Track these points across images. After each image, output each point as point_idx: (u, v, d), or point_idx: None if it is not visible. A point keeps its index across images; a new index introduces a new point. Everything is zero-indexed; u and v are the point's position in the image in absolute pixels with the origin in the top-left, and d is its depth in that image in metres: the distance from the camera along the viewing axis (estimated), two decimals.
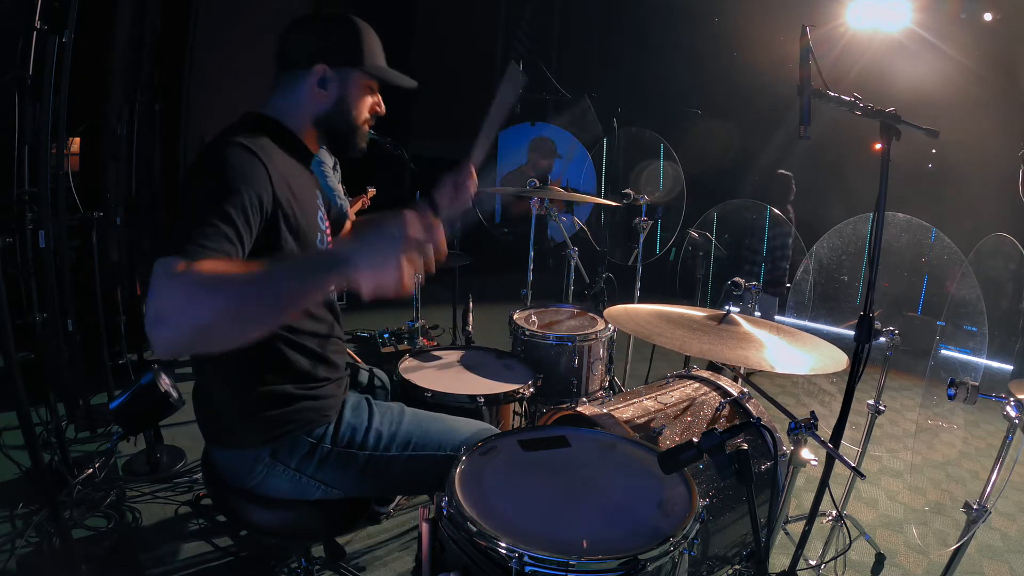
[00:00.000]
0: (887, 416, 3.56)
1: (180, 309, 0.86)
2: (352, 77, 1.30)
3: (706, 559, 1.52)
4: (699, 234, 3.50)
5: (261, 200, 1.10)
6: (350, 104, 1.32)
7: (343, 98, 1.31)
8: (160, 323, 0.86)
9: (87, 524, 2.16)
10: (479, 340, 2.54)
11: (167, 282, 0.89)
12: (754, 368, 1.45)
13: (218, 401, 1.31)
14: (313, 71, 1.26)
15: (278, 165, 1.19)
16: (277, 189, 1.15)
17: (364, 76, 1.32)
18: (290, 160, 1.29)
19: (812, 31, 1.41)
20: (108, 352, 3.13)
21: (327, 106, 1.30)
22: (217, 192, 1.04)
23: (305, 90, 1.28)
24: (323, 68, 1.26)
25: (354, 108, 1.33)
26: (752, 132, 5.89)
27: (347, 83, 1.30)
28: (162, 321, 0.86)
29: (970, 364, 3.94)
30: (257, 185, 1.10)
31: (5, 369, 1.92)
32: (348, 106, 1.32)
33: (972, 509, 1.64)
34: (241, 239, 1.03)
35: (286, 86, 1.30)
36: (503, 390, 1.85)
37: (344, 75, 1.29)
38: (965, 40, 4.73)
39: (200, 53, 3.94)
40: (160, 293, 0.88)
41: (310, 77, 1.27)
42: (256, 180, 1.10)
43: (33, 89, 2.37)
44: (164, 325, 0.86)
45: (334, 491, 1.35)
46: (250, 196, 1.07)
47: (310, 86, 1.27)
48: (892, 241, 3.80)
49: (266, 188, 1.12)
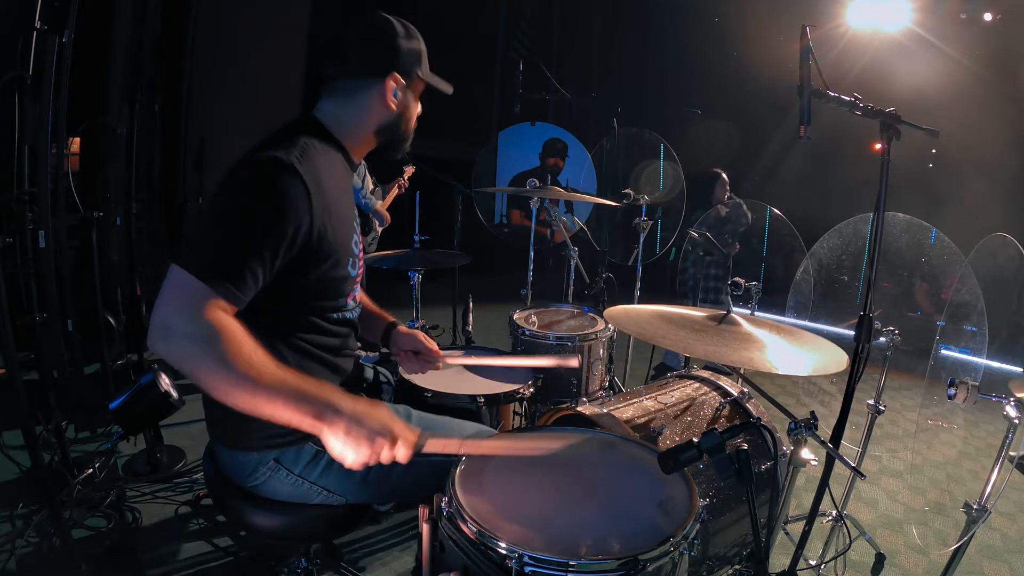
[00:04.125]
0: (887, 416, 3.56)
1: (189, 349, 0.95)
2: (414, 87, 1.30)
3: (706, 559, 1.52)
4: (699, 234, 3.50)
5: (298, 233, 1.10)
6: (411, 113, 1.32)
7: (406, 108, 1.30)
8: (164, 335, 0.95)
9: (87, 524, 2.16)
10: (479, 340, 2.54)
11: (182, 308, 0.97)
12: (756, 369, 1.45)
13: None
14: (386, 81, 1.24)
15: (323, 186, 1.16)
16: (315, 218, 1.13)
17: (420, 83, 1.32)
18: (335, 177, 1.25)
19: (812, 31, 1.41)
20: (108, 352, 3.13)
21: (393, 116, 1.28)
22: (257, 225, 1.05)
23: (373, 99, 1.25)
24: (398, 78, 1.25)
25: (412, 118, 1.33)
26: (752, 132, 5.90)
27: (411, 93, 1.30)
28: (168, 337, 0.95)
29: (970, 364, 3.94)
30: (299, 218, 1.09)
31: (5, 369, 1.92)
32: (409, 115, 1.32)
33: (972, 509, 1.64)
34: (266, 276, 1.07)
35: (347, 93, 1.26)
36: (503, 390, 1.85)
37: (412, 86, 1.29)
38: (965, 40, 4.74)
39: (200, 53, 3.94)
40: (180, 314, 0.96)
41: (381, 87, 1.24)
42: (299, 211, 1.09)
43: (33, 89, 2.37)
44: (169, 343, 0.95)
45: (336, 497, 1.34)
46: (290, 234, 1.08)
47: (380, 95, 1.24)
48: (892, 241, 3.80)
49: (306, 219, 1.11)
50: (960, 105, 4.51)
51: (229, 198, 1.10)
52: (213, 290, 0.98)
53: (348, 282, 1.30)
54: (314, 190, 1.12)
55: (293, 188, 1.08)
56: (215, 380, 0.96)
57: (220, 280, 0.99)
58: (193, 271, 0.98)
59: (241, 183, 1.09)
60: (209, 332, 0.95)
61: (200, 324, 0.96)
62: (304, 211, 1.10)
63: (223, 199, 1.10)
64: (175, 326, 0.95)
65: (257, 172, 1.09)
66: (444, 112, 1.74)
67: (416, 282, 2.62)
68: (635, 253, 3.25)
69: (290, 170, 1.08)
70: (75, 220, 2.95)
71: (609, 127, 5.88)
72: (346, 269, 1.28)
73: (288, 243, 1.09)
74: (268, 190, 1.07)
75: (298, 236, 1.10)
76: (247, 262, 1.03)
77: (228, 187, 1.10)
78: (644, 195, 3.17)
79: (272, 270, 1.08)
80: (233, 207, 1.09)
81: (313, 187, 1.12)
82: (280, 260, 1.09)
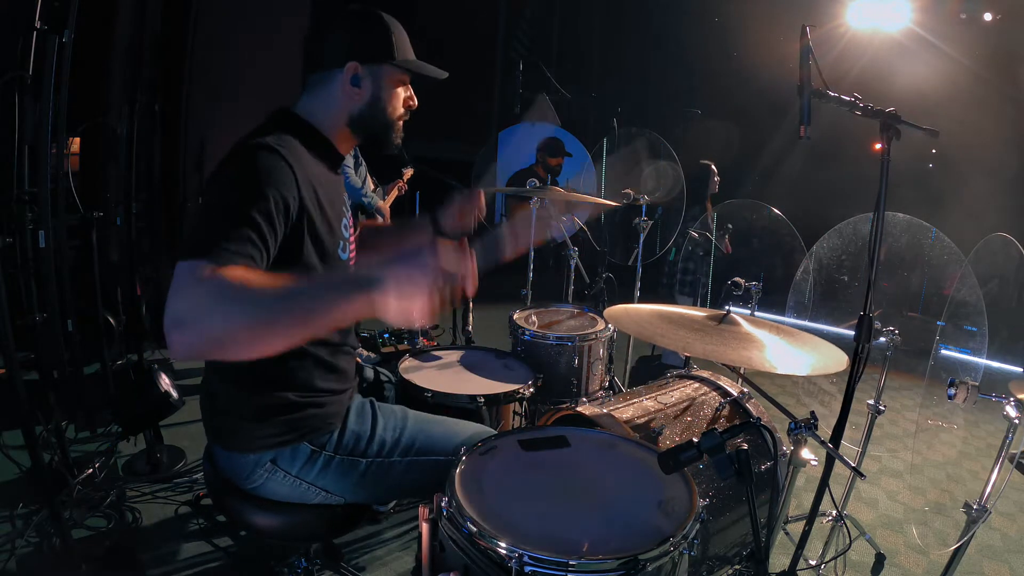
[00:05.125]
0: (887, 416, 3.56)
1: (203, 315, 0.87)
2: (384, 73, 1.28)
3: (706, 559, 1.52)
4: (699, 234, 3.50)
5: (287, 203, 1.09)
6: (384, 101, 1.30)
7: (377, 95, 1.29)
8: (180, 326, 0.87)
9: (87, 524, 2.16)
10: (479, 340, 2.54)
11: (192, 286, 0.90)
12: (755, 368, 1.45)
13: (222, 401, 1.30)
14: (345, 69, 1.24)
15: (306, 168, 1.18)
16: (303, 193, 1.14)
17: (396, 71, 1.30)
18: (318, 164, 1.26)
19: (812, 31, 1.41)
20: (108, 352, 3.13)
21: (361, 104, 1.28)
22: (244, 196, 1.04)
23: (337, 89, 1.26)
24: (355, 66, 1.24)
25: (388, 105, 1.31)
26: (752, 132, 5.89)
27: (379, 79, 1.28)
28: (182, 324, 0.87)
29: (970, 364, 3.94)
30: (284, 188, 1.09)
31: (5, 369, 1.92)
32: (382, 103, 1.30)
33: (972, 509, 1.64)
34: (266, 243, 1.03)
35: (317, 86, 1.28)
36: (503, 390, 1.85)
37: (376, 71, 1.27)
38: (965, 40, 4.74)
39: (200, 53, 3.94)
40: (184, 296, 0.89)
41: (342, 76, 1.25)
42: (283, 183, 1.09)
43: (33, 89, 2.37)
44: (184, 329, 0.87)
45: (334, 497, 1.34)
46: (276, 200, 1.07)
47: (342, 85, 1.25)
48: (892, 241, 3.80)
49: (292, 191, 1.11)
50: (960, 105, 4.50)
51: (213, 187, 1.12)
52: (210, 261, 0.93)
53: (341, 268, 1.30)
54: (298, 168, 1.13)
55: (275, 162, 1.10)
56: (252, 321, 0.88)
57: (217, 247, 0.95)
58: (190, 255, 0.94)
59: (222, 170, 1.12)
60: (209, 288, 0.89)
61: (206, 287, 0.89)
62: (291, 183, 1.11)
63: (209, 190, 1.13)
64: (182, 310, 0.88)
65: (235, 156, 1.11)
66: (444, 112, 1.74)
67: None
68: (635, 253, 3.25)
69: (269, 148, 1.11)
70: (75, 220, 2.95)
71: (609, 127, 5.88)
72: (336, 252, 1.28)
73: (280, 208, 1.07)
74: (250, 165, 1.08)
75: (290, 205, 1.10)
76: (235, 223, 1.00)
77: (213, 179, 1.12)
78: (644, 195, 3.17)
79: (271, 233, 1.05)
80: (217, 191, 1.11)
81: (296, 165, 1.13)
82: (279, 224, 1.07)
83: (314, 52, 1.28)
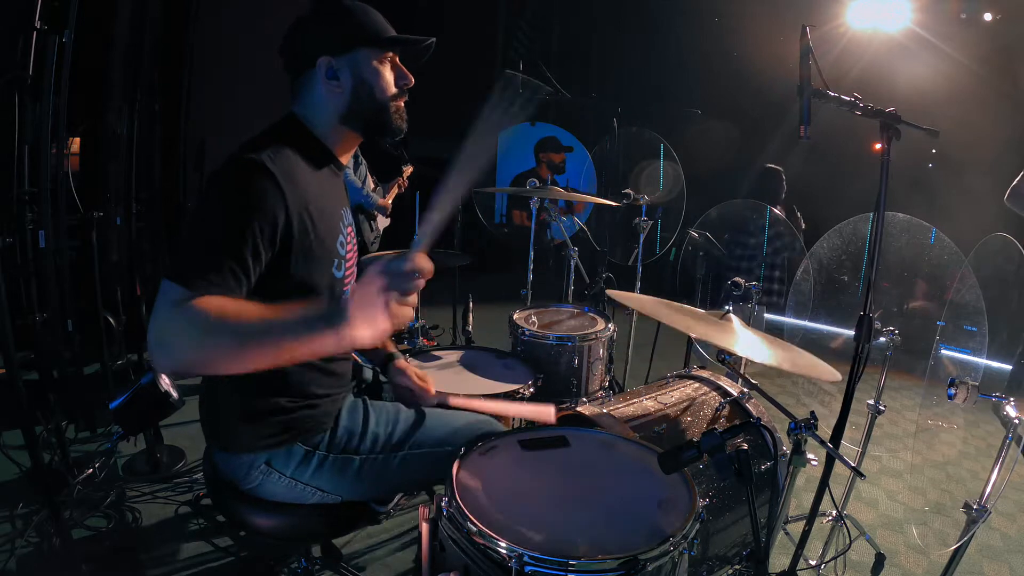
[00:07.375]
0: (887, 416, 3.56)
1: (179, 340, 0.94)
2: (360, 58, 1.23)
3: (706, 559, 1.52)
4: (699, 234, 3.50)
5: (274, 228, 1.09)
6: (370, 84, 1.25)
7: (359, 81, 1.24)
8: (159, 347, 0.94)
9: (87, 524, 2.16)
10: (479, 340, 2.54)
11: (170, 310, 0.96)
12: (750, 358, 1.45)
13: (218, 402, 1.31)
14: (318, 66, 1.22)
15: (300, 183, 1.16)
16: (292, 212, 1.13)
17: (372, 51, 1.24)
18: (316, 174, 1.25)
19: (812, 31, 1.41)
20: (108, 352, 3.13)
21: (346, 96, 1.24)
22: (229, 227, 1.05)
23: (319, 88, 1.24)
24: (327, 60, 1.22)
25: (375, 87, 1.25)
26: (752, 132, 5.89)
27: (357, 65, 1.23)
28: (161, 346, 0.94)
29: (970, 364, 3.94)
30: (271, 212, 1.09)
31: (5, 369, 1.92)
32: (367, 86, 1.25)
33: (972, 509, 1.64)
34: (248, 273, 1.05)
35: (302, 90, 1.27)
36: (503, 390, 1.85)
37: (352, 59, 1.23)
38: (965, 40, 4.74)
39: (200, 53, 3.94)
40: (162, 319, 0.96)
41: (318, 73, 1.23)
42: (270, 207, 1.09)
43: (33, 89, 2.37)
44: (162, 350, 0.94)
45: (331, 496, 1.34)
46: (262, 228, 1.07)
47: (321, 82, 1.23)
48: (892, 241, 3.80)
49: (280, 214, 1.10)
50: (960, 105, 4.50)
51: (202, 203, 1.13)
52: (190, 290, 0.97)
53: (335, 284, 1.29)
54: (288, 187, 1.12)
55: (262, 184, 1.09)
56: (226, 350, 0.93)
57: (198, 278, 0.99)
58: (173, 278, 0.98)
59: (212, 187, 1.11)
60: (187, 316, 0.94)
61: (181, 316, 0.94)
62: (278, 206, 1.10)
63: (198, 205, 1.14)
64: (160, 332, 0.95)
65: (225, 173, 1.11)
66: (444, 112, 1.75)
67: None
68: (635, 253, 3.25)
69: (259, 167, 1.09)
70: (75, 220, 2.95)
71: (609, 127, 5.88)
72: (330, 271, 1.27)
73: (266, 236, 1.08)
74: (237, 188, 1.08)
75: (277, 229, 1.10)
76: (218, 252, 1.03)
77: (204, 193, 1.13)
78: (644, 195, 3.17)
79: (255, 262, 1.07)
80: (205, 209, 1.11)
81: (287, 183, 1.12)
82: (264, 252, 1.08)
83: (289, 59, 1.27)
